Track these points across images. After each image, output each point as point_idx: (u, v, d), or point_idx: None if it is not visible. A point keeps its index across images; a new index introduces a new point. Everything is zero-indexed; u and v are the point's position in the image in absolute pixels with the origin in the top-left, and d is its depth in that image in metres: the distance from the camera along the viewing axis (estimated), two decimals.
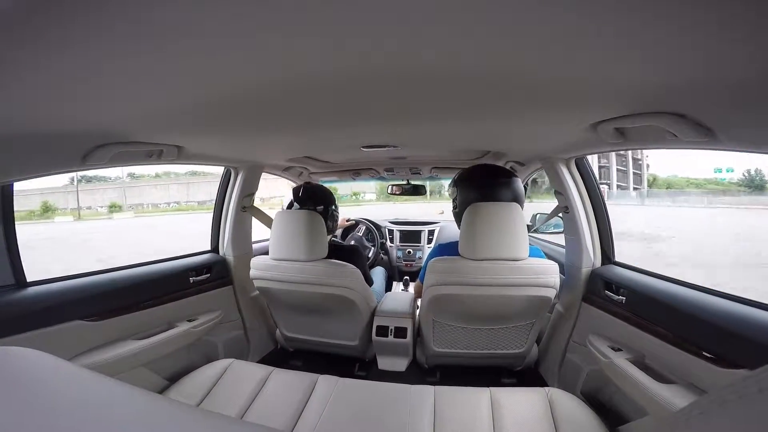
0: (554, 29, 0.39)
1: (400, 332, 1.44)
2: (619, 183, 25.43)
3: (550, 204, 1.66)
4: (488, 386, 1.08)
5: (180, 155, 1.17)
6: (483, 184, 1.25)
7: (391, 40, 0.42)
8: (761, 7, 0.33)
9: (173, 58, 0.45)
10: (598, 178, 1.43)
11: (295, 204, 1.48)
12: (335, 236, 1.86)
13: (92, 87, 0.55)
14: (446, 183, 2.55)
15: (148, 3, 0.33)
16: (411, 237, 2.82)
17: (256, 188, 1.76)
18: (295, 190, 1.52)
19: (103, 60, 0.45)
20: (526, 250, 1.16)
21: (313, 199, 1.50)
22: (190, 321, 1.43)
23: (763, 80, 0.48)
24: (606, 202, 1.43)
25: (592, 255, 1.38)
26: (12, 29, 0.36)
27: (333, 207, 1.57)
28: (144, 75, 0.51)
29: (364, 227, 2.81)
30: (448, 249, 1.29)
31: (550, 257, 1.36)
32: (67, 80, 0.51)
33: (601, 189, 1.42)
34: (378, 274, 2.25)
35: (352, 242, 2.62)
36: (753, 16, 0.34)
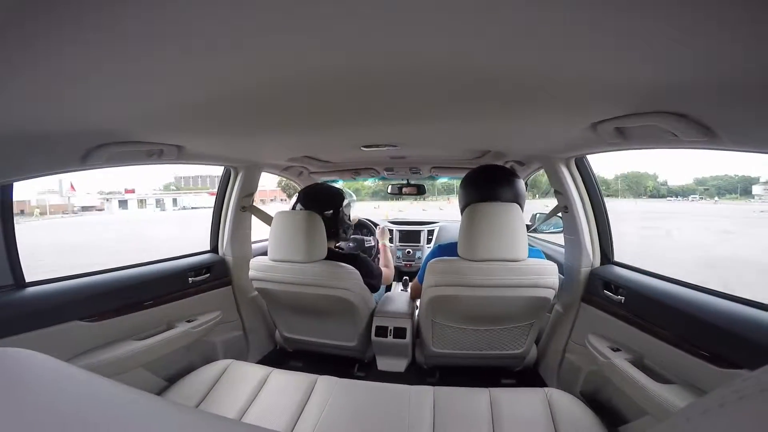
0: (554, 29, 0.39)
1: (399, 333, 1.44)
2: None
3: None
4: (487, 387, 1.08)
5: (180, 155, 1.17)
6: (483, 185, 1.25)
7: (391, 39, 0.42)
8: (761, 8, 0.33)
9: (173, 57, 0.45)
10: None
11: (299, 207, 1.43)
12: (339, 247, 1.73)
13: (92, 87, 0.54)
14: (445, 182, 2.54)
15: (148, 3, 0.32)
16: (410, 237, 2.82)
17: (255, 188, 1.75)
18: (301, 193, 1.48)
19: (103, 60, 0.45)
20: (525, 251, 1.15)
21: (319, 202, 1.40)
22: (189, 321, 1.42)
23: (763, 80, 0.48)
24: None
25: (591, 255, 1.38)
26: (11, 29, 0.35)
27: (343, 209, 1.47)
28: (143, 74, 0.51)
29: (365, 228, 2.81)
30: (447, 250, 1.29)
31: (549, 257, 1.35)
32: (67, 80, 0.51)
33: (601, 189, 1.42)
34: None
35: (352, 243, 2.61)
36: (753, 17, 0.34)
